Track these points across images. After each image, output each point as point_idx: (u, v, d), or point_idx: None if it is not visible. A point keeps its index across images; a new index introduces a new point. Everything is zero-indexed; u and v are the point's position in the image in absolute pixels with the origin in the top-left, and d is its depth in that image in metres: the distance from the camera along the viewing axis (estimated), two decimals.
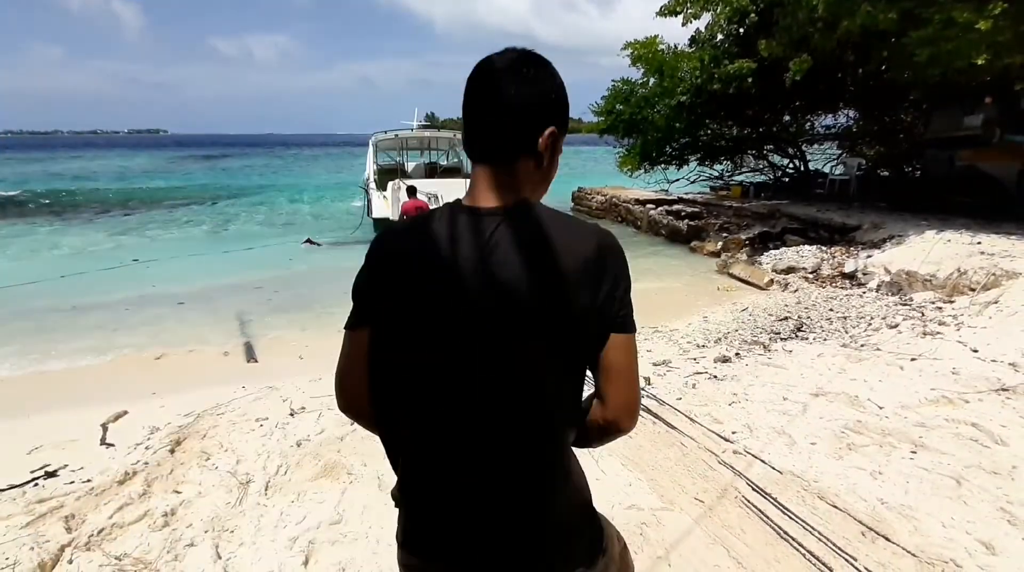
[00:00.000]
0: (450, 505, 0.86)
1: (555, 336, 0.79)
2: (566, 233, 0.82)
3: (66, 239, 12.88)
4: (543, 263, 0.78)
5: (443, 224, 0.83)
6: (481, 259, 0.78)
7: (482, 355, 0.79)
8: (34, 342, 5.81)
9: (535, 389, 0.82)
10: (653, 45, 12.38)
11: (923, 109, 11.29)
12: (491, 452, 0.83)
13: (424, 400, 0.84)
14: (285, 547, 2.22)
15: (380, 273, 0.85)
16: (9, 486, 2.82)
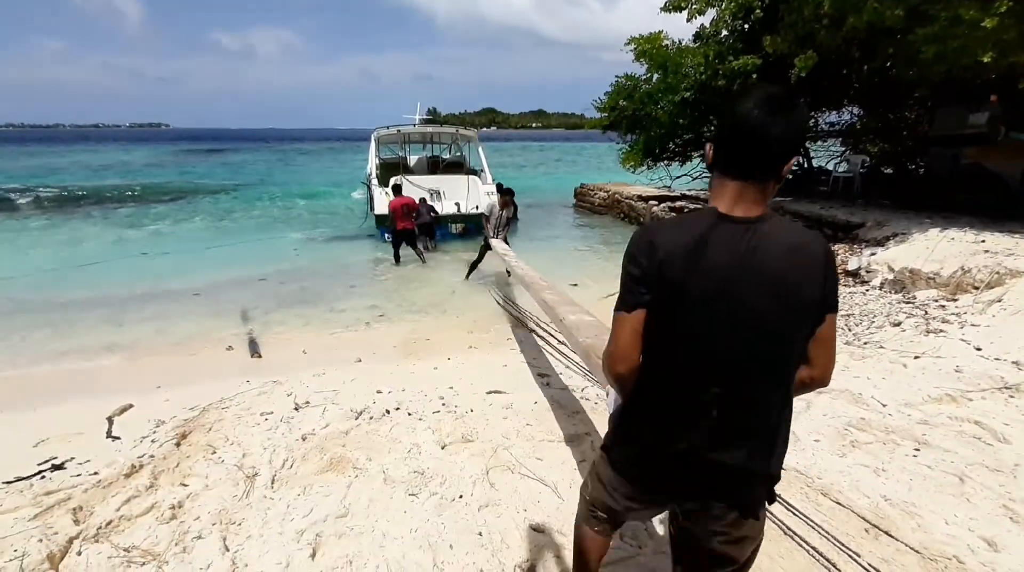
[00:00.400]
0: (685, 433, 1.16)
1: (800, 313, 1.11)
2: (802, 237, 1.12)
3: (70, 232, 12.89)
4: (792, 260, 1.09)
5: (710, 229, 1.11)
6: (746, 256, 1.08)
7: (750, 326, 1.10)
8: (40, 335, 5.84)
9: (784, 352, 1.13)
10: (657, 40, 12.33)
11: (928, 107, 11.23)
12: (750, 398, 1.14)
13: (695, 360, 1.14)
14: (292, 540, 2.24)
15: (667, 264, 1.11)
16: (16, 478, 2.84)
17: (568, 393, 3.85)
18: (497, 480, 2.66)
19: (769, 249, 1.09)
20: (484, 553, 2.15)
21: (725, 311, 1.10)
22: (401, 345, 5.50)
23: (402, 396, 3.86)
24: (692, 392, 1.16)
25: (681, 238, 1.12)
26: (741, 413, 1.15)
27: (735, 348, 1.11)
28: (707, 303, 1.10)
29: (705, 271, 1.09)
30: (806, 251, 1.10)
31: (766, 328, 1.11)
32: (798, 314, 1.11)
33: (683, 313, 1.12)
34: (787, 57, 9.26)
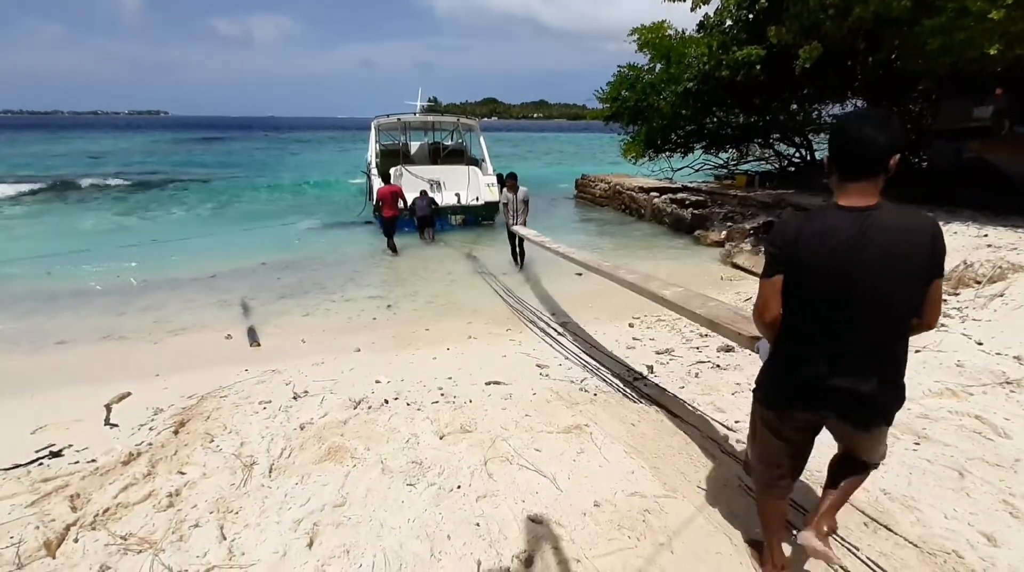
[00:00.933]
0: (825, 368, 1.57)
1: (908, 279, 1.47)
2: (915, 219, 1.47)
3: (67, 220, 12.85)
4: (901, 238, 1.44)
5: (837, 217, 1.49)
6: (858, 237, 1.45)
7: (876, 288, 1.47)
8: (38, 322, 5.82)
9: (896, 310, 1.50)
10: (661, 30, 12.22)
11: (932, 99, 11.15)
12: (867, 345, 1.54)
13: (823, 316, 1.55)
14: (290, 529, 2.23)
15: (799, 245, 1.51)
16: (14, 465, 2.84)
17: (567, 384, 3.84)
18: (495, 471, 2.65)
19: (879, 230, 1.45)
20: (482, 544, 2.14)
21: (842, 281, 1.49)
22: (400, 335, 5.49)
23: (401, 386, 3.85)
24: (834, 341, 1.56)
25: (809, 226, 1.52)
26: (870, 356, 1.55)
27: (851, 309, 1.51)
28: (829, 274, 1.50)
29: (828, 249, 1.48)
30: (915, 230, 1.45)
31: (875, 293, 1.48)
32: (906, 280, 1.47)
33: (809, 281, 1.54)
34: (792, 48, 9.16)
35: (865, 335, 1.53)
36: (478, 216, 11.95)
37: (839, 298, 1.51)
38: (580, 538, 2.17)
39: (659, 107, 12.80)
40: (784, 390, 1.71)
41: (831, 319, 1.55)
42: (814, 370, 1.60)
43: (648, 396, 3.55)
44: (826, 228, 1.49)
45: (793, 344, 1.65)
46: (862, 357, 1.55)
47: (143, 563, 2.02)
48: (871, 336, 1.53)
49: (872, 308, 1.50)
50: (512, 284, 7.37)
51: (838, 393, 1.59)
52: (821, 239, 1.49)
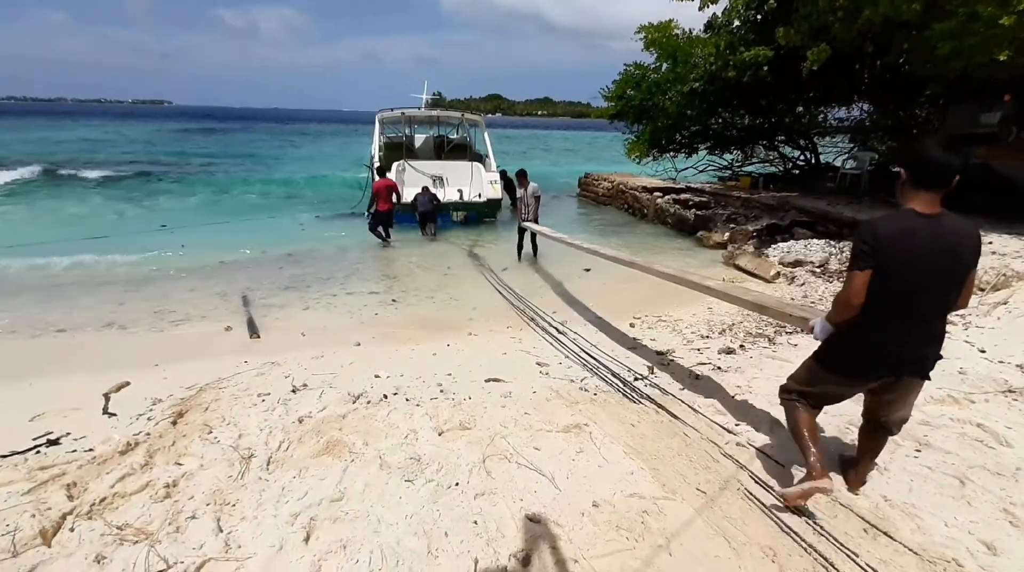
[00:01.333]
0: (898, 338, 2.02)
1: (961, 270, 1.94)
2: (966, 225, 1.96)
3: (69, 207, 12.83)
4: (960, 240, 1.92)
5: (915, 221, 1.91)
6: (937, 237, 1.89)
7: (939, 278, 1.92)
8: (38, 310, 5.81)
9: (954, 292, 1.97)
10: (668, 29, 12.17)
11: (939, 104, 11.10)
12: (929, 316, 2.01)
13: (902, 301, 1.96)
14: (287, 522, 2.22)
15: (885, 241, 1.91)
16: (11, 452, 2.83)
17: (567, 383, 3.83)
18: (494, 468, 2.64)
19: (948, 233, 1.92)
20: (479, 541, 2.13)
21: (922, 274, 1.92)
22: (400, 330, 5.48)
23: (400, 381, 3.84)
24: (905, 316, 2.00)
25: (894, 227, 1.93)
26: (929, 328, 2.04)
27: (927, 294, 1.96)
28: (912, 268, 1.92)
29: (910, 248, 1.90)
30: (968, 233, 1.96)
31: (943, 283, 1.95)
32: (960, 270, 1.96)
33: (895, 273, 1.93)
34: (799, 49, 9.12)
35: (934, 316, 2.03)
36: (480, 213, 11.90)
37: (918, 287, 1.95)
38: (578, 538, 2.16)
39: (664, 107, 12.75)
40: (863, 361, 2.13)
41: (909, 304, 1.98)
42: (896, 345, 2.04)
43: (648, 397, 3.54)
44: (910, 230, 1.92)
45: (875, 324, 2.04)
46: (929, 332, 2.05)
47: (139, 554, 2.02)
48: (937, 316, 2.04)
49: (939, 294, 1.98)
50: (513, 282, 7.36)
51: (913, 360, 2.07)
52: (905, 239, 1.91)
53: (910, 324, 2.01)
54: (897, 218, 1.94)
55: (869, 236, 1.93)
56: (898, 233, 1.91)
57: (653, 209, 12.63)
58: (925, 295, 1.96)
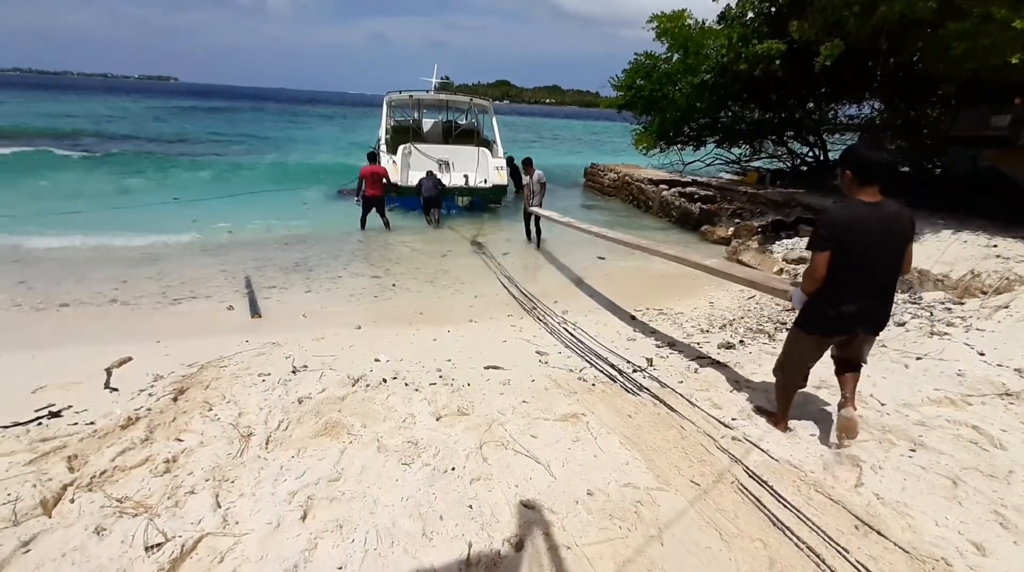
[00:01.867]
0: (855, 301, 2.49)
1: (902, 243, 2.45)
2: (902, 210, 2.47)
3: (75, 183, 12.81)
4: (898, 222, 2.42)
5: (862, 209, 2.39)
6: (880, 221, 2.39)
7: (885, 254, 2.43)
8: (44, 283, 5.83)
9: (898, 264, 2.48)
10: (680, 19, 12.02)
11: (951, 105, 10.97)
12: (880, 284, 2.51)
13: (857, 274, 2.45)
14: (284, 501, 2.25)
15: (845, 227, 2.39)
16: (13, 423, 2.86)
17: (566, 373, 3.84)
18: (490, 455, 2.67)
19: (888, 217, 2.40)
20: (474, 525, 2.16)
21: (871, 251, 2.42)
22: (401, 315, 5.49)
23: (400, 365, 3.86)
24: (860, 285, 2.49)
25: (847, 216, 2.42)
26: (881, 294, 2.54)
27: (875, 265, 2.46)
28: (863, 248, 2.41)
29: (863, 226, 2.39)
30: (903, 216, 2.45)
31: (889, 257, 2.46)
32: (901, 245, 2.46)
33: (849, 252, 2.42)
34: (813, 44, 9.00)
35: (884, 282, 2.54)
36: (485, 199, 11.84)
37: (869, 262, 2.44)
38: (571, 525, 2.18)
39: (674, 98, 12.63)
40: (829, 321, 2.62)
41: (863, 276, 2.47)
42: (853, 307, 2.52)
43: (646, 389, 3.55)
44: (859, 217, 2.41)
45: (836, 293, 2.52)
46: (881, 297, 2.56)
47: (138, 526, 2.04)
48: (887, 283, 2.55)
49: (887, 267, 2.49)
50: (515, 270, 7.35)
51: (869, 318, 2.58)
52: (857, 225, 2.41)
53: (864, 292, 2.50)
54: (849, 208, 2.45)
55: (828, 224, 2.45)
56: (851, 220, 2.42)
57: (658, 201, 12.57)
58: (875, 268, 2.47)
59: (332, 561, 1.95)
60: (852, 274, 2.46)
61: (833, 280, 2.48)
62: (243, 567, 1.91)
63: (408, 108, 15.08)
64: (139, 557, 1.92)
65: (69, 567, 1.87)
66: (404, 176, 11.27)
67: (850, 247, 2.40)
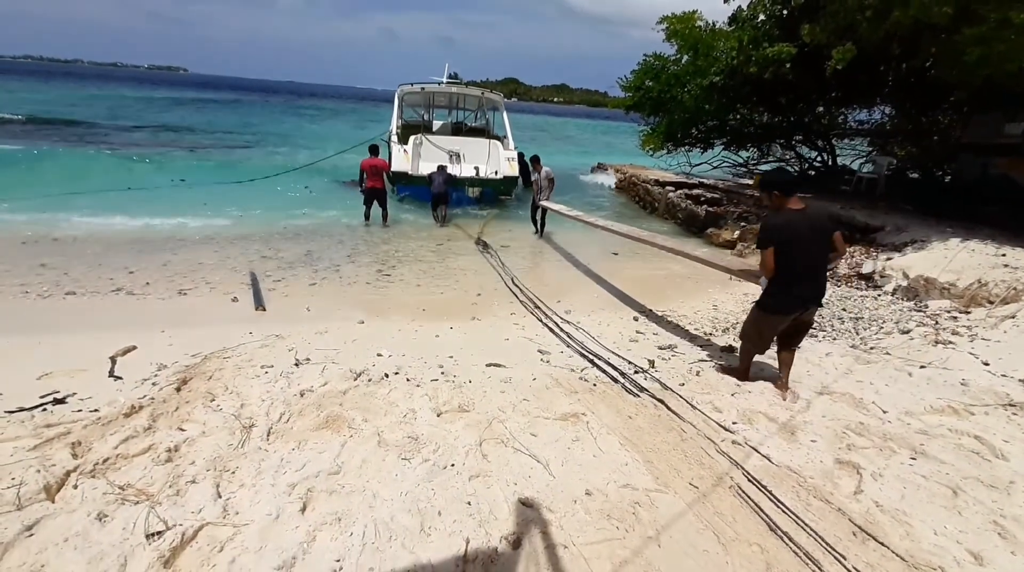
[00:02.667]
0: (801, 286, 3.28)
1: (827, 235, 3.27)
2: (821, 209, 4.46)
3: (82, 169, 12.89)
4: (820, 221, 3.27)
5: (791, 215, 3.21)
6: (805, 221, 3.20)
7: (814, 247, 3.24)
8: (51, 271, 5.88)
9: (824, 253, 3.30)
10: (691, 20, 11.94)
11: (963, 112, 10.88)
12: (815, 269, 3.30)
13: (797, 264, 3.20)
14: (284, 492, 2.27)
15: (780, 230, 3.19)
16: (19, 409, 2.89)
17: (567, 372, 3.85)
18: (490, 452, 2.68)
19: (811, 217, 3.20)
20: (472, 522, 2.17)
21: (802, 245, 3.15)
22: (404, 310, 5.51)
23: (402, 361, 3.87)
24: (801, 273, 3.20)
25: (780, 222, 3.19)
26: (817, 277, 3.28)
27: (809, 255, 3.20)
28: (795, 243, 3.14)
29: (794, 229, 3.14)
30: (822, 214, 3.39)
31: (817, 248, 3.22)
32: (826, 237, 3.23)
33: (787, 247, 3.14)
34: (824, 48, 8.93)
35: (818, 268, 3.30)
36: (496, 190, 11.79)
37: (802, 253, 3.20)
38: (569, 525, 2.19)
39: (682, 100, 12.56)
40: (787, 304, 3.34)
41: (801, 264, 3.21)
42: (800, 290, 3.29)
43: (647, 390, 3.55)
44: (789, 222, 3.20)
45: (786, 279, 3.25)
46: (819, 278, 3.33)
47: (139, 514, 2.06)
48: (820, 266, 3.31)
49: (817, 256, 3.27)
50: (519, 269, 7.36)
51: (813, 296, 3.33)
52: (788, 227, 3.19)
53: (806, 277, 3.27)
54: (781, 216, 3.25)
55: (767, 229, 3.26)
56: (783, 224, 3.21)
57: (664, 203, 12.53)
58: (809, 258, 3.24)
59: (330, 554, 1.96)
60: (794, 265, 3.19)
61: (782, 271, 3.21)
62: (242, 557, 1.93)
63: (418, 107, 15.05)
64: (140, 544, 1.94)
65: (71, 552, 1.89)
66: (415, 166, 11.24)
67: (787, 243, 3.17)
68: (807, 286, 3.27)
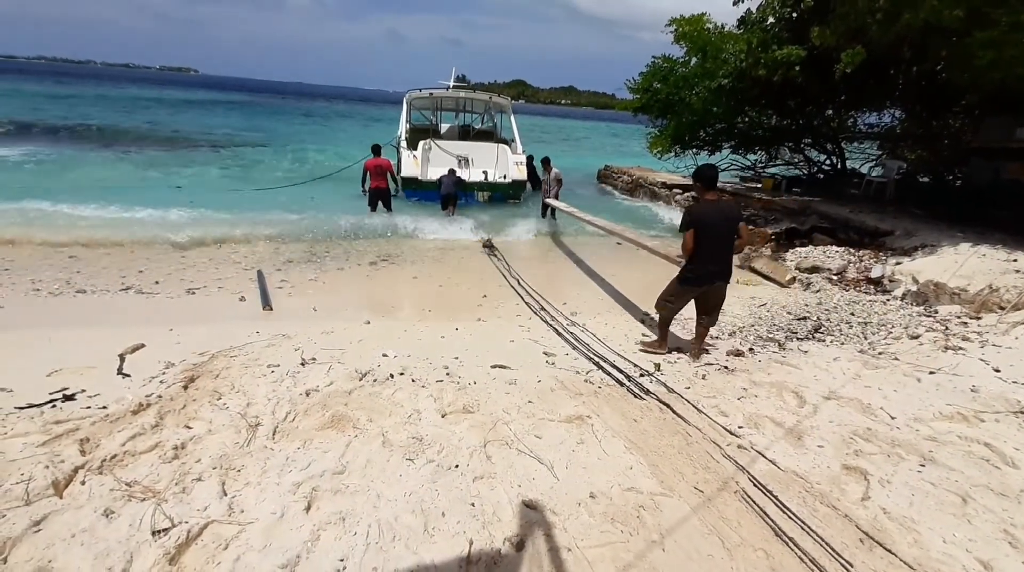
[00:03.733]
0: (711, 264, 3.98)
1: (734, 223, 3.98)
2: (731, 202, 5.14)
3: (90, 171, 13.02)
4: (731, 210, 4.04)
5: (707, 205, 3.96)
6: (719, 211, 3.94)
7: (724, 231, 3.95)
8: (61, 269, 5.94)
9: (731, 237, 3.99)
10: (700, 23, 11.91)
11: (974, 116, 10.77)
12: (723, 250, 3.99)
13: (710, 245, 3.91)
14: (289, 491, 2.28)
15: (699, 216, 3.89)
16: (28, 405, 2.92)
17: (573, 375, 3.84)
18: (494, 454, 2.67)
19: (724, 208, 3.97)
20: (475, 524, 2.17)
21: (715, 229, 3.88)
22: (410, 311, 5.52)
23: (407, 361, 3.88)
24: (712, 252, 3.92)
25: (700, 209, 3.93)
26: (724, 257, 3.98)
27: (719, 239, 3.92)
28: (711, 227, 3.86)
29: (709, 216, 3.87)
30: (732, 206, 4.15)
31: (727, 232, 3.94)
32: (734, 224, 3.96)
33: (704, 230, 3.84)
34: (834, 51, 8.88)
35: (726, 248, 3.94)
36: (505, 194, 11.85)
37: (715, 235, 3.85)
38: (573, 527, 2.18)
39: (690, 102, 12.52)
40: (700, 276, 4.01)
41: (713, 244, 3.87)
42: (711, 266, 3.94)
43: (653, 393, 3.54)
44: (706, 210, 3.87)
45: (702, 257, 3.91)
46: (725, 258, 3.96)
47: (146, 511, 2.08)
48: (727, 248, 3.94)
49: (726, 238, 3.90)
50: (525, 270, 7.35)
51: (720, 272, 3.98)
52: (705, 214, 3.85)
53: (714, 257, 3.94)
54: (701, 205, 3.97)
55: (689, 213, 3.94)
56: (702, 212, 3.90)
57: (672, 204, 12.49)
58: (719, 240, 3.92)
59: (334, 553, 1.97)
60: (707, 246, 3.87)
61: (698, 251, 3.89)
62: (247, 555, 1.94)
63: (427, 110, 15.13)
64: (146, 541, 1.95)
65: (78, 548, 1.91)
66: (424, 170, 11.33)
67: (703, 227, 3.84)
68: (715, 263, 3.95)
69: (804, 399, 3.47)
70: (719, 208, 3.91)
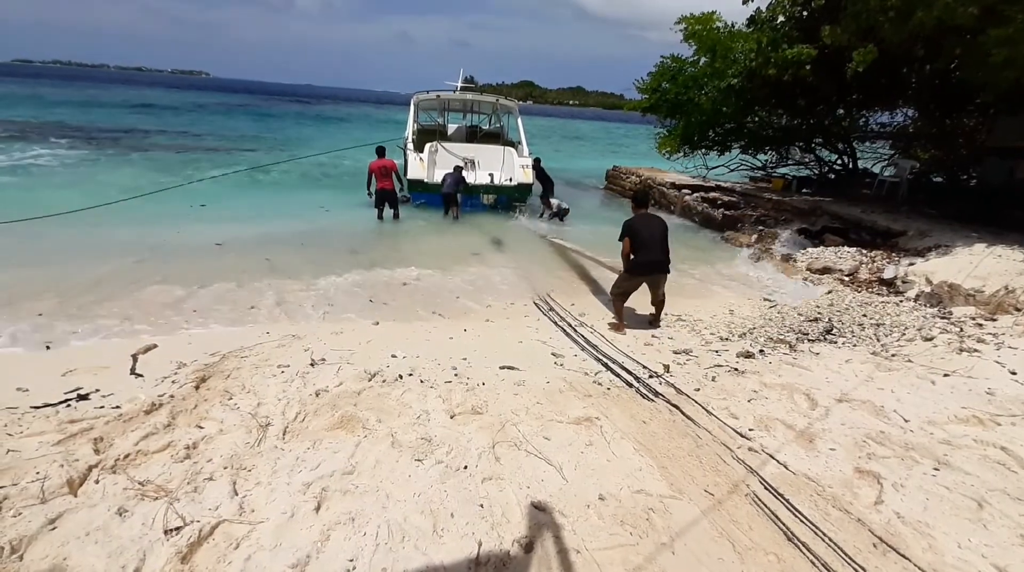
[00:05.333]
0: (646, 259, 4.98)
1: (663, 228, 5.07)
2: (658, 217, 5.25)
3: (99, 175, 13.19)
4: (659, 221, 5.11)
5: (639, 218, 5.08)
6: (649, 222, 5.05)
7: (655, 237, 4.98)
8: (73, 270, 6.01)
9: (662, 236, 5.01)
10: (709, 22, 11.83)
11: (988, 114, 10.62)
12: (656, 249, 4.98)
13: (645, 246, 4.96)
14: (299, 491, 2.29)
15: (631, 226, 5.00)
16: (44, 404, 2.96)
17: (581, 376, 3.83)
18: (503, 455, 2.67)
19: (653, 221, 5.07)
20: (484, 525, 2.17)
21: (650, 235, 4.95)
22: (418, 312, 5.53)
23: (416, 362, 3.89)
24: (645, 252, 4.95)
25: (635, 222, 5.02)
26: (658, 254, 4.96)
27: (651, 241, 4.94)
28: (643, 234, 4.95)
29: (640, 225, 4.99)
30: (658, 219, 5.13)
31: (660, 236, 4.98)
32: (663, 233, 5.01)
33: (638, 236, 4.95)
34: (845, 50, 8.80)
35: (659, 249, 4.94)
36: (510, 197, 11.83)
37: (647, 237, 4.92)
38: (582, 529, 2.18)
39: (699, 102, 12.45)
40: (641, 267, 4.97)
41: (646, 245, 4.90)
42: (650, 258, 4.92)
43: (662, 395, 3.52)
44: (639, 223, 4.98)
45: (640, 256, 4.93)
46: (660, 255, 4.95)
47: (158, 510, 2.10)
48: (661, 248, 4.95)
49: (657, 238, 4.93)
50: (533, 271, 7.35)
51: (657, 262, 4.96)
52: (639, 225, 4.96)
53: (650, 254, 4.89)
54: (635, 218, 5.00)
55: (627, 225, 4.95)
56: (636, 224, 4.93)
57: (680, 206, 12.43)
58: (652, 240, 4.88)
59: (343, 553, 1.97)
60: (642, 247, 4.88)
61: (636, 251, 4.91)
62: (257, 554, 1.95)
63: (434, 111, 15.17)
64: (159, 539, 1.97)
65: (92, 545, 1.93)
66: (430, 173, 11.35)
67: (637, 234, 4.89)
68: (651, 257, 4.91)
69: (815, 401, 3.44)
70: (648, 221, 5.00)
